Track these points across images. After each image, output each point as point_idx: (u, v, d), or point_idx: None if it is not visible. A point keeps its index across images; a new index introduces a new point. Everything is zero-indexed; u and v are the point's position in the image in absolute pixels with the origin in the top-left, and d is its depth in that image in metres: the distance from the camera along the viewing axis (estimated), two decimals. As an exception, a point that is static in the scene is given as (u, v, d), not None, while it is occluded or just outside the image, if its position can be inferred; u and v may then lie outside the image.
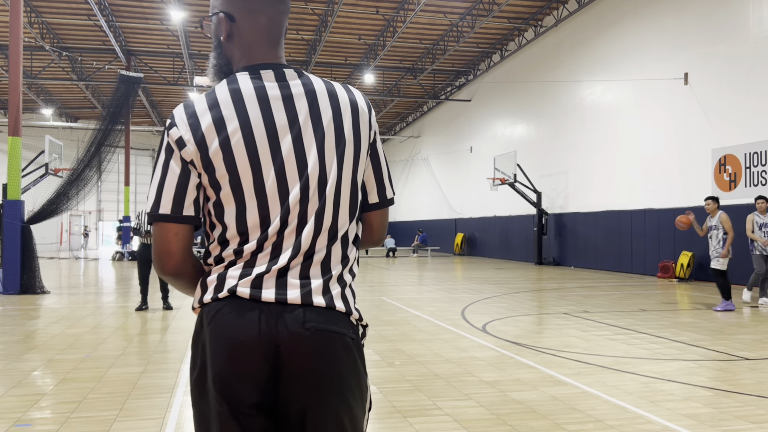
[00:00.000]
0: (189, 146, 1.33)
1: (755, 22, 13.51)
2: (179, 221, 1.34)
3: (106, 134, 14.68)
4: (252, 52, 1.43)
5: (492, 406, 4.41)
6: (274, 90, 1.38)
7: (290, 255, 1.31)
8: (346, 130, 1.39)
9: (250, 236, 1.33)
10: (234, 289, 1.29)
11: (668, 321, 8.44)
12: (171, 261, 1.36)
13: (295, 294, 1.29)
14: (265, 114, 1.35)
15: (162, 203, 1.33)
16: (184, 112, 1.36)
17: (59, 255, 29.58)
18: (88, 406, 4.41)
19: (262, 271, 1.30)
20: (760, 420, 4.07)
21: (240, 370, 1.25)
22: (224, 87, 1.38)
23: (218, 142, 1.32)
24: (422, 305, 10.16)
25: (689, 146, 15.27)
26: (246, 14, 1.42)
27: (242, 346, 1.25)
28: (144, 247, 9.56)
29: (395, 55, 25.62)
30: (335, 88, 1.44)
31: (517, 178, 21.56)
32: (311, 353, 1.26)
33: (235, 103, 1.34)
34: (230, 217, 1.34)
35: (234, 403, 1.25)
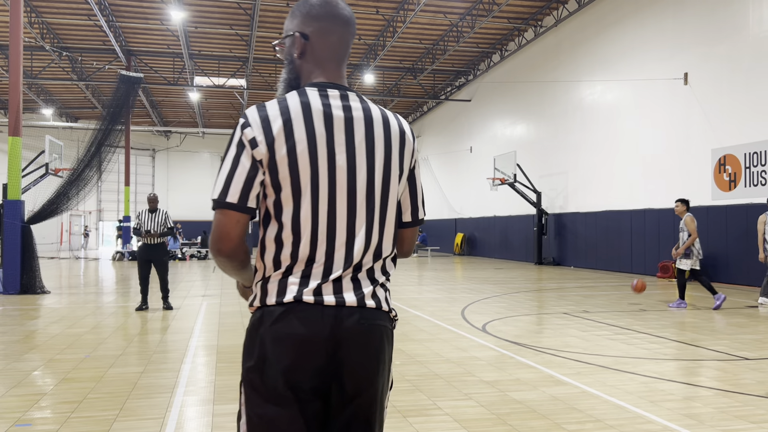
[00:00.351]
0: (261, 147, 1.48)
1: (755, 22, 13.51)
2: (243, 211, 1.49)
3: (106, 134, 14.69)
4: (321, 68, 1.62)
5: (492, 405, 4.41)
6: (339, 111, 1.55)
7: (343, 267, 1.53)
8: (393, 157, 1.59)
9: (302, 239, 1.51)
10: (300, 297, 1.50)
11: (668, 321, 8.45)
12: (229, 245, 1.50)
13: (351, 298, 1.52)
14: (328, 131, 1.52)
15: (230, 192, 1.48)
16: (258, 114, 1.51)
17: (59, 255, 29.59)
18: (88, 405, 4.41)
19: (319, 282, 1.51)
20: (760, 420, 4.07)
21: (304, 362, 1.48)
22: (296, 98, 1.54)
23: (286, 149, 1.48)
24: (422, 305, 10.16)
25: (689, 146, 15.27)
26: (319, 34, 1.61)
27: (308, 342, 1.47)
28: (144, 247, 9.56)
29: (395, 55, 25.62)
30: (388, 116, 1.62)
31: (517, 178, 21.56)
32: (366, 343, 1.53)
33: (304, 116, 1.51)
34: (287, 217, 1.51)
35: (296, 389, 1.48)
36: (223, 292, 12.37)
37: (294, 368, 1.47)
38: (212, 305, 10.19)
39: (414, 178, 1.68)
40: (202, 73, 27.35)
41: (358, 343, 1.51)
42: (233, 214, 1.48)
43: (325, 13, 1.61)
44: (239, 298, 11.11)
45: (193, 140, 41.89)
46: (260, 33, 22.60)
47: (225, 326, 8.00)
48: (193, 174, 42.15)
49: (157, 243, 9.55)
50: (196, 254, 26.36)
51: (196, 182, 42.12)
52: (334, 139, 1.52)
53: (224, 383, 5.06)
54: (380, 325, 1.56)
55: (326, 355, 1.49)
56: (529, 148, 23.02)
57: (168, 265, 9.72)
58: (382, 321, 1.57)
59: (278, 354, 1.48)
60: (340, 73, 1.63)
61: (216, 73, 27.33)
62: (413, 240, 1.76)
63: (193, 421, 4.09)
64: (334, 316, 1.50)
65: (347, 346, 1.50)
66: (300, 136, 1.49)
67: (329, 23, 1.61)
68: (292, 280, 1.51)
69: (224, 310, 9.63)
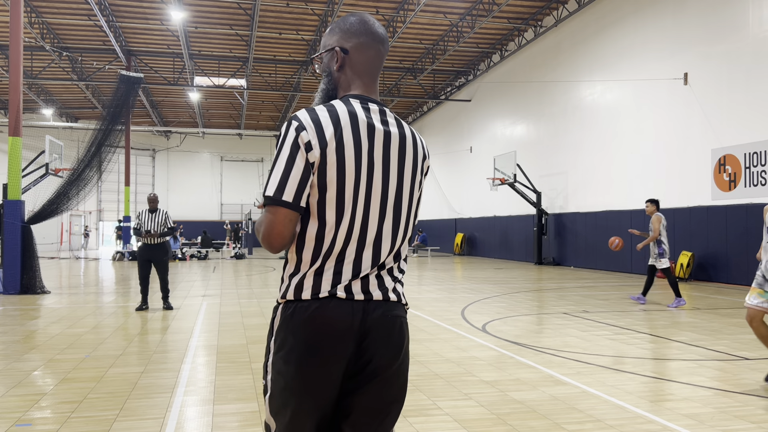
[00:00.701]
0: (315, 150, 1.61)
1: (755, 22, 13.51)
2: (296, 209, 1.61)
3: (106, 134, 14.69)
4: (358, 81, 1.77)
5: (492, 405, 4.41)
6: (379, 124, 1.72)
7: (371, 265, 1.70)
8: (417, 172, 1.79)
9: (338, 237, 1.66)
10: (334, 292, 1.65)
11: (668, 321, 8.45)
12: (282, 242, 1.63)
13: (377, 294, 1.70)
14: (370, 141, 1.68)
15: (286, 191, 1.59)
16: (311, 119, 1.63)
17: (59, 255, 29.59)
18: (88, 405, 4.42)
19: (350, 278, 1.67)
20: (760, 420, 4.07)
21: (337, 351, 1.64)
22: (343, 107, 1.68)
23: (336, 155, 1.62)
24: (422, 305, 10.16)
25: (689, 146, 15.28)
26: (358, 49, 1.77)
27: (340, 333, 1.64)
28: (144, 247, 9.56)
29: (395, 55, 25.62)
30: (415, 135, 1.81)
31: (517, 178, 21.56)
32: (391, 332, 1.71)
33: (351, 125, 1.66)
34: (330, 216, 1.64)
35: (327, 373, 1.64)
36: (223, 292, 12.37)
37: (327, 357, 1.63)
38: (212, 305, 10.20)
39: (421, 189, 1.87)
40: (202, 73, 27.35)
41: (386, 332, 1.70)
42: (287, 212, 1.60)
43: (364, 30, 1.77)
44: (239, 298, 11.12)
45: (193, 140, 41.90)
46: (260, 33, 22.60)
47: (225, 326, 8.00)
48: (193, 174, 42.16)
49: (157, 243, 9.55)
50: (196, 254, 26.37)
51: (196, 182, 42.13)
52: (374, 150, 1.68)
53: (224, 383, 5.06)
54: (400, 316, 1.76)
55: (354, 341, 1.66)
56: (529, 148, 23.03)
57: (168, 265, 9.72)
58: (401, 312, 1.77)
59: (312, 344, 1.63)
60: (374, 88, 1.79)
61: (216, 73, 27.33)
62: None
63: (193, 421, 4.09)
64: (363, 309, 1.67)
65: (376, 334, 1.68)
66: (348, 143, 1.64)
67: (367, 39, 1.77)
68: (326, 277, 1.66)
69: (224, 310, 9.63)
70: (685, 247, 15.26)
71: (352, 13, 1.82)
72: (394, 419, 1.78)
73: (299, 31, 22.74)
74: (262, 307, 9.89)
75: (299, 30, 22.62)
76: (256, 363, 5.81)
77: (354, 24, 1.77)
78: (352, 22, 1.78)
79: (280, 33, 22.78)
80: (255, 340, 7.01)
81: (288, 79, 28.28)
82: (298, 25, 22.13)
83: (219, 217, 42.36)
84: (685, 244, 15.29)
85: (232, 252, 28.15)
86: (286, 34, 22.95)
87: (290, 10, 20.57)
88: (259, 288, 13.21)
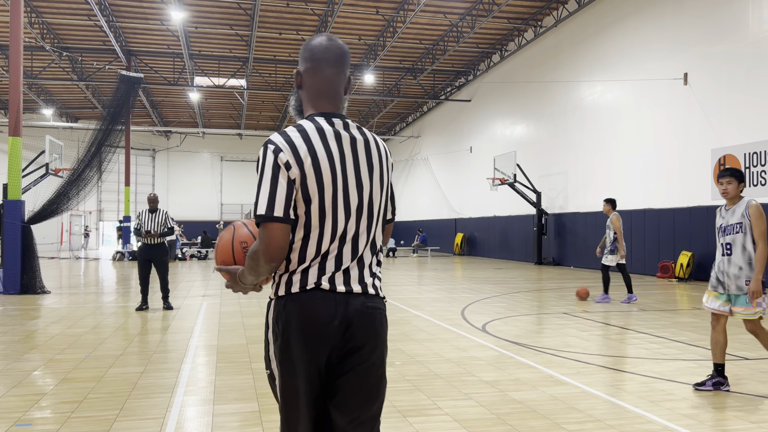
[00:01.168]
0: (294, 169, 1.80)
1: (755, 22, 13.52)
2: (288, 221, 1.80)
3: (106, 134, 14.69)
4: (318, 100, 1.96)
5: (492, 405, 4.41)
6: (344, 132, 1.92)
7: (350, 260, 1.89)
8: (384, 173, 1.99)
9: (324, 240, 1.86)
10: (319, 283, 1.84)
11: (668, 321, 8.45)
12: (281, 253, 1.81)
13: (357, 287, 1.89)
14: (340, 149, 1.88)
15: (276, 207, 1.78)
16: (285, 141, 1.83)
17: (60, 255, 29.59)
18: (88, 405, 4.42)
19: (333, 272, 1.86)
20: (760, 420, 4.07)
21: (324, 337, 1.84)
22: (310, 125, 1.89)
23: (313, 168, 1.82)
24: (422, 305, 10.16)
25: (689, 146, 15.28)
26: (308, 72, 1.96)
27: (326, 318, 1.83)
28: (144, 247, 9.56)
29: (395, 55, 25.62)
30: (377, 140, 2.01)
31: (517, 178, 21.56)
32: (370, 321, 1.90)
33: (321, 139, 1.86)
34: (315, 222, 1.84)
35: (317, 356, 1.84)
36: (223, 292, 12.38)
37: (314, 340, 1.83)
38: (212, 305, 10.20)
39: (390, 184, 2.06)
40: (202, 73, 27.35)
41: (365, 322, 1.88)
42: (280, 225, 1.78)
43: (311, 56, 1.96)
44: (240, 298, 11.11)
45: (194, 140, 41.90)
46: (260, 33, 22.60)
47: (225, 326, 8.01)
48: (193, 174, 42.16)
49: (157, 243, 9.55)
50: (196, 254, 26.36)
51: (197, 182, 42.13)
52: (345, 156, 1.89)
53: (224, 383, 5.06)
54: (379, 308, 1.94)
55: (339, 329, 1.85)
56: (528, 148, 23.02)
57: (168, 265, 9.72)
58: (380, 304, 1.96)
59: (301, 330, 1.83)
60: (336, 104, 1.97)
61: (216, 73, 27.33)
62: (389, 233, 2.19)
63: (193, 421, 4.10)
64: (345, 301, 1.86)
65: (357, 324, 1.87)
66: (321, 156, 1.84)
67: (315, 64, 1.95)
68: (311, 272, 1.86)
69: (224, 310, 9.63)
70: (685, 247, 15.26)
71: (317, 34, 2.00)
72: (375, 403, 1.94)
73: (299, 31, 22.74)
74: (262, 307, 9.89)
75: (299, 30, 22.62)
76: (256, 363, 5.81)
77: (306, 49, 1.98)
78: (307, 47, 1.98)
79: (280, 33, 22.79)
80: (255, 340, 7.01)
81: (288, 79, 28.28)
82: (298, 25, 22.13)
83: (219, 217, 42.37)
84: (685, 244, 15.29)
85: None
86: (286, 34, 22.95)
87: (290, 10, 20.57)
88: (259, 288, 13.20)
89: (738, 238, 4.70)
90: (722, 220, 4.85)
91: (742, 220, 4.71)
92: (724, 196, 4.80)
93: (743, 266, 4.66)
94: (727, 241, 4.76)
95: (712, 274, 4.95)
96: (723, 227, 4.83)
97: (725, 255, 4.77)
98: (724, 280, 4.76)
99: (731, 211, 4.80)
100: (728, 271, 4.73)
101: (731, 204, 4.83)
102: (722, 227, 4.84)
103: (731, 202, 4.83)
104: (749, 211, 4.69)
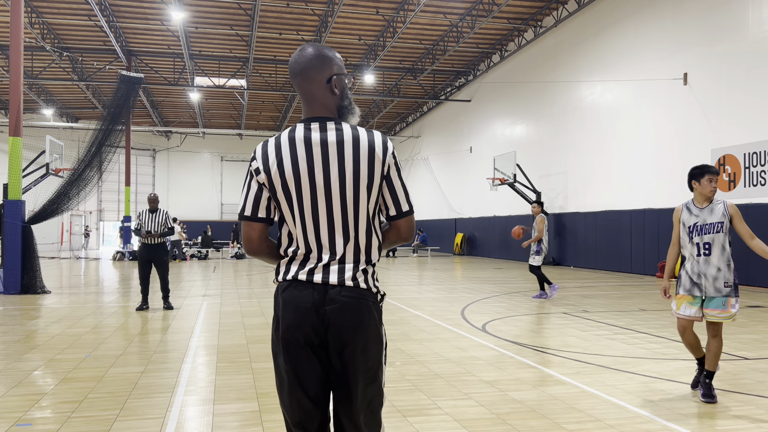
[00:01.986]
0: (262, 174, 2.02)
1: (755, 22, 13.52)
2: (255, 220, 2.06)
3: (106, 134, 14.70)
4: (304, 108, 2.11)
5: (492, 405, 4.42)
6: (317, 137, 2.01)
7: (329, 257, 2.01)
8: (362, 169, 2.01)
9: (299, 238, 2.02)
10: (296, 276, 2.01)
11: (668, 320, 8.45)
12: (251, 245, 2.08)
13: (334, 278, 1.98)
14: (308, 155, 1.99)
15: (246, 207, 2.06)
16: (260, 150, 2.05)
17: (60, 255, 29.60)
18: (88, 405, 4.42)
19: (312, 266, 2.01)
20: (760, 419, 4.08)
21: (302, 322, 1.97)
22: (285, 135, 2.05)
23: (279, 174, 1.99)
24: (422, 305, 10.17)
25: (689, 146, 15.28)
26: (294, 84, 2.13)
27: (303, 308, 1.97)
28: (144, 246, 9.56)
29: (395, 55, 25.63)
30: (359, 136, 2.03)
31: (517, 178, 21.56)
32: (345, 311, 1.97)
33: (290, 146, 2.01)
34: (290, 221, 2.03)
35: (298, 342, 1.98)
36: (223, 291, 12.38)
37: (294, 326, 1.97)
38: (212, 305, 10.20)
39: (391, 181, 2.08)
40: (202, 74, 27.35)
41: (339, 308, 1.96)
42: (250, 223, 2.06)
43: (290, 72, 2.12)
44: (239, 298, 11.13)
45: (194, 140, 41.90)
46: (260, 33, 22.61)
47: (225, 326, 8.01)
48: (193, 174, 42.15)
49: (158, 243, 9.56)
50: (196, 254, 26.37)
51: (197, 182, 42.13)
52: (313, 161, 1.99)
53: (224, 383, 5.07)
54: (357, 297, 1.99)
55: (317, 318, 1.96)
56: (528, 148, 23.03)
57: (168, 265, 9.73)
58: (360, 295, 2.00)
59: (284, 315, 2.00)
60: (315, 109, 2.07)
61: (216, 74, 27.34)
62: (409, 227, 2.14)
63: (194, 421, 4.10)
64: (322, 290, 1.97)
65: (331, 314, 1.96)
66: (287, 162, 1.99)
67: (293, 77, 2.12)
68: (293, 266, 2.04)
69: (224, 309, 9.64)
70: (685, 247, 15.25)
71: None
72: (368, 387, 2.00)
73: (299, 32, 22.75)
74: (263, 307, 9.89)
75: (299, 30, 22.63)
76: (256, 363, 5.82)
77: (288, 66, 2.15)
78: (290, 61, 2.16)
79: (281, 33, 22.79)
80: (255, 339, 7.02)
81: (288, 80, 28.29)
82: (298, 25, 22.13)
83: (219, 217, 42.38)
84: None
85: (232, 252, 28.16)
86: (286, 35, 22.96)
87: (290, 10, 20.58)
88: (259, 288, 13.22)
89: (718, 237, 4.53)
90: (696, 219, 4.62)
91: (723, 219, 4.53)
92: (711, 195, 4.59)
93: (722, 267, 4.51)
94: (705, 241, 4.56)
95: (682, 278, 4.69)
96: (699, 226, 4.60)
97: (702, 255, 4.57)
98: (701, 282, 4.56)
99: (708, 210, 4.59)
100: (706, 272, 4.54)
101: (705, 203, 4.63)
102: (698, 226, 4.61)
103: (707, 201, 4.64)
104: (730, 211, 4.56)
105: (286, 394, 2.02)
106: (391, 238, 2.15)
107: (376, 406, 2.04)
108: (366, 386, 2.00)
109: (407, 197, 2.14)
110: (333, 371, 2.01)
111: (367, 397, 2.01)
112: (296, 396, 1.99)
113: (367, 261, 2.05)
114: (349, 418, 2.00)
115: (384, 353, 2.08)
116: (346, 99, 2.13)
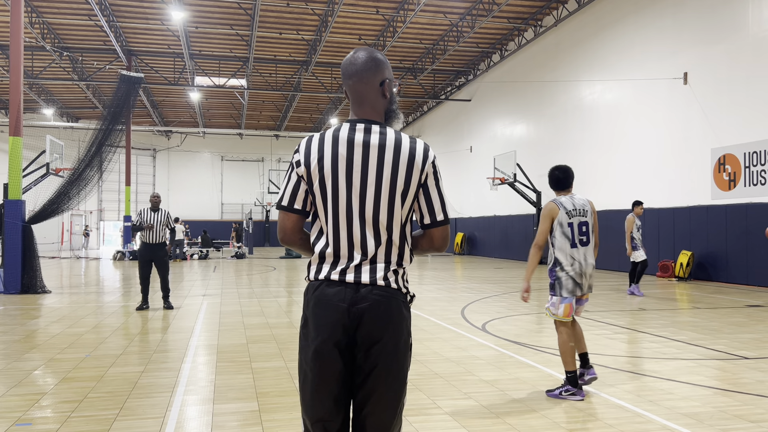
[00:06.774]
0: (302, 167, 2.06)
1: (755, 21, 13.51)
2: (291, 211, 2.10)
3: (106, 134, 14.70)
4: (354, 108, 2.15)
5: (492, 405, 4.42)
6: (360, 139, 2.04)
7: (361, 259, 2.03)
8: (399, 175, 2.03)
9: (331, 237, 2.04)
10: (329, 276, 2.03)
11: (667, 320, 8.45)
12: (285, 234, 2.12)
13: (366, 278, 2.01)
14: (349, 154, 2.03)
15: (284, 198, 2.10)
16: (304, 144, 2.09)
17: (60, 254, 29.60)
18: (88, 405, 4.43)
19: (344, 266, 2.03)
20: (760, 419, 4.08)
21: (332, 321, 1.99)
22: (330, 132, 2.08)
23: (318, 169, 2.03)
24: (422, 304, 10.17)
25: (689, 146, 15.28)
26: (346, 86, 2.17)
27: (334, 306, 2.00)
28: (145, 246, 9.57)
29: (395, 55, 25.63)
30: (401, 142, 2.06)
31: (517, 177, 21.56)
32: (376, 308, 1.99)
33: (332, 144, 2.04)
34: (322, 217, 2.06)
35: (326, 341, 1.98)
36: (223, 291, 12.39)
37: (324, 323, 1.99)
38: (213, 305, 10.21)
39: (428, 189, 2.10)
40: (202, 73, 27.36)
41: (371, 306, 1.99)
42: (286, 213, 2.11)
43: (343, 72, 2.17)
44: (239, 298, 11.14)
45: (194, 140, 41.90)
46: (260, 33, 22.61)
47: (225, 326, 8.01)
48: (193, 174, 42.16)
49: (158, 242, 9.58)
50: (197, 254, 26.37)
51: (197, 182, 42.13)
52: (353, 161, 2.02)
53: (224, 383, 5.07)
54: (387, 295, 2.02)
55: (348, 316, 1.98)
56: (528, 148, 23.03)
57: (169, 264, 9.74)
58: (391, 294, 2.03)
59: (315, 313, 2.02)
60: (364, 111, 2.12)
61: (216, 73, 27.34)
62: (442, 237, 2.16)
63: (193, 421, 4.10)
64: (354, 289, 2.00)
65: (362, 309, 1.98)
66: (327, 159, 2.02)
67: (344, 80, 2.16)
68: (325, 266, 2.06)
69: (224, 309, 9.64)
70: (685, 247, 15.26)
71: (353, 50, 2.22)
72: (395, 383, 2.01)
73: (299, 31, 22.75)
74: (263, 307, 9.90)
75: (299, 30, 22.63)
76: (256, 362, 5.82)
77: (342, 66, 2.19)
78: (342, 64, 2.20)
79: (281, 33, 22.79)
80: (255, 339, 7.02)
81: (288, 79, 28.29)
82: (298, 25, 22.13)
83: (220, 216, 42.38)
84: (685, 243, 15.29)
85: (232, 251, 28.18)
86: (286, 34, 22.96)
87: (290, 10, 20.58)
88: (259, 287, 13.22)
89: (591, 236, 4.71)
90: (583, 218, 4.68)
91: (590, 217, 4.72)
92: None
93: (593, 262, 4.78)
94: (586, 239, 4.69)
95: (563, 279, 4.65)
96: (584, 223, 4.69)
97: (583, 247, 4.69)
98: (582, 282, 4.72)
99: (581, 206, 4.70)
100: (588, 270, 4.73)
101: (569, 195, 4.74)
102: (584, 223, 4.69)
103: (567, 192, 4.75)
104: (592, 208, 4.79)
105: (308, 392, 2.02)
106: (424, 246, 2.18)
107: (401, 405, 2.07)
108: (393, 382, 2.01)
109: (443, 207, 2.16)
110: (359, 370, 2.01)
111: (395, 394, 2.02)
112: (319, 395, 2.00)
113: (398, 263, 2.08)
114: (376, 415, 2.01)
115: (409, 353, 2.10)
116: (394, 104, 2.18)
